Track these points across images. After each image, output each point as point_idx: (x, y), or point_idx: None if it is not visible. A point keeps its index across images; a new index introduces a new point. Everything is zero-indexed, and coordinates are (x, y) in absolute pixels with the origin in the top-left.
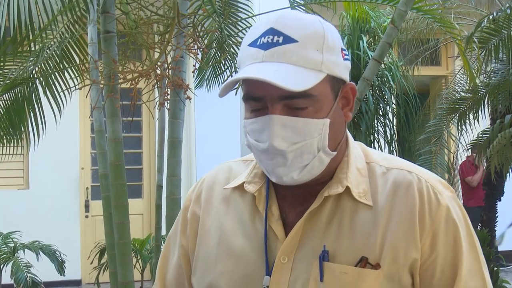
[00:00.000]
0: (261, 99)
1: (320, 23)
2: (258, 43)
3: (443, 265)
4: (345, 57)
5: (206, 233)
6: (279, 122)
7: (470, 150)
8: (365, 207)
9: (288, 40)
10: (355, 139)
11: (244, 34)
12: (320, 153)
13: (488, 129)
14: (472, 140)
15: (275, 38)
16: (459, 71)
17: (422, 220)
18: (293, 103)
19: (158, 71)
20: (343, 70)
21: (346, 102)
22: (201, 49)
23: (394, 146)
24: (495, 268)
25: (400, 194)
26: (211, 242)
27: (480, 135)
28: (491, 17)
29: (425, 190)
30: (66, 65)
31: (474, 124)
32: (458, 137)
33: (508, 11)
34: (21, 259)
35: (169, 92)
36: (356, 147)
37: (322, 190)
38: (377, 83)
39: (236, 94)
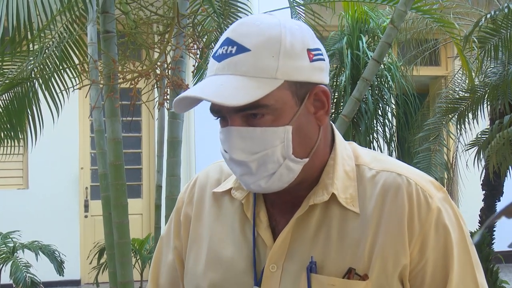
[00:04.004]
0: (220, 112)
1: (278, 27)
2: (216, 54)
3: (433, 271)
4: (315, 57)
5: (197, 238)
6: (237, 133)
7: (469, 149)
8: (353, 214)
9: (240, 49)
10: (354, 140)
11: None
12: (286, 161)
13: (487, 130)
14: (472, 141)
15: (229, 48)
16: (458, 71)
17: (411, 225)
18: (248, 114)
19: (158, 71)
20: (309, 73)
21: (321, 104)
22: (200, 49)
23: (393, 146)
24: (495, 268)
25: (389, 199)
26: (201, 249)
27: (479, 136)
28: (489, 16)
29: (415, 193)
30: (65, 65)
31: (473, 124)
32: (457, 137)
33: (506, 10)
34: (20, 259)
35: (168, 92)
36: (345, 148)
37: (307, 197)
38: (376, 83)
39: None
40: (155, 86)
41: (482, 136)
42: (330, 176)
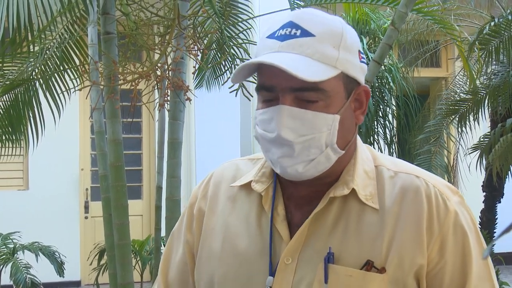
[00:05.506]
0: (272, 89)
1: (339, 23)
2: (276, 35)
3: (452, 272)
4: (362, 59)
5: (210, 232)
6: (288, 112)
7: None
8: (371, 210)
9: (305, 33)
10: None
11: (244, 35)
12: (327, 149)
13: (489, 134)
14: (474, 144)
15: (293, 30)
16: (459, 73)
17: (430, 226)
18: (304, 95)
19: (158, 72)
20: (358, 71)
21: (359, 104)
22: (201, 50)
23: (394, 147)
24: (495, 270)
25: (408, 199)
26: (215, 242)
27: (482, 139)
28: (493, 23)
29: (433, 195)
30: (66, 66)
31: (474, 126)
32: (458, 139)
33: (510, 17)
34: (20, 260)
35: (169, 93)
36: (364, 150)
37: (328, 191)
38: (377, 84)
39: (236, 96)
40: (156, 88)
41: (485, 139)
42: (351, 173)
